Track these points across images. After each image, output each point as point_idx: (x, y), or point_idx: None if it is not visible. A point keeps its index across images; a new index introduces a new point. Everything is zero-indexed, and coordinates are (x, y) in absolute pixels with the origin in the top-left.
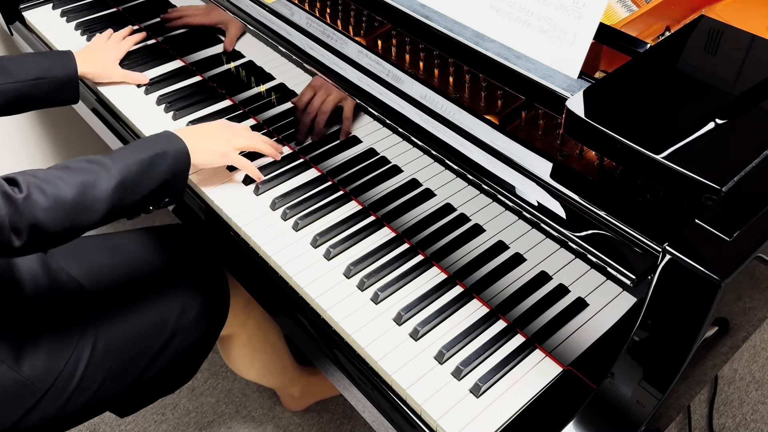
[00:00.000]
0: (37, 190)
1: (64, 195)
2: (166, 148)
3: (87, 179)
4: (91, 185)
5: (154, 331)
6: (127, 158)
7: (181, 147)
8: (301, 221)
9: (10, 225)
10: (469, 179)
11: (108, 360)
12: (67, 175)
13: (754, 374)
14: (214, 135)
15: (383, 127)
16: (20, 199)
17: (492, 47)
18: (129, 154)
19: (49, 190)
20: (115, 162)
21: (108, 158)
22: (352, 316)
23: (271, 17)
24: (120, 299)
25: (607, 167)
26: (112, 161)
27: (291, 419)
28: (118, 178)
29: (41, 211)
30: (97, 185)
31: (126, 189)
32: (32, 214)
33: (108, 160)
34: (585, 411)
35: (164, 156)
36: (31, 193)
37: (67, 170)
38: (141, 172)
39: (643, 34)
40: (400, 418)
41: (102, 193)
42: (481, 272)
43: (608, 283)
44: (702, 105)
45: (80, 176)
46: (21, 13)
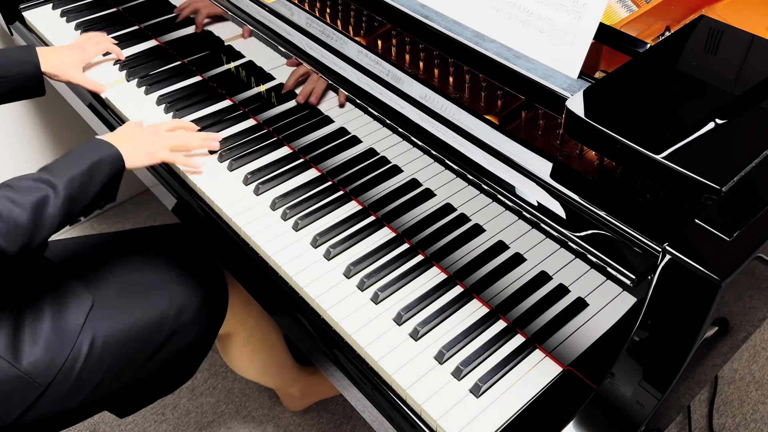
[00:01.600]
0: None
1: (20, 219)
2: (102, 155)
3: (38, 199)
4: (43, 205)
5: (152, 329)
6: (68, 172)
7: (114, 152)
8: (301, 221)
9: None
10: (469, 179)
11: (106, 357)
12: (19, 197)
13: (754, 374)
14: (141, 137)
15: (383, 127)
16: None
17: (492, 47)
18: (69, 166)
19: (6, 215)
20: (59, 178)
21: (50, 174)
22: (352, 316)
23: (271, 17)
24: (119, 297)
25: (607, 167)
26: (56, 177)
27: (291, 419)
28: (64, 193)
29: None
30: (48, 204)
31: (72, 202)
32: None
33: (52, 177)
34: (585, 411)
35: (101, 164)
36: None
37: (18, 191)
38: (83, 184)
39: (643, 34)
40: (400, 418)
41: (53, 210)
42: (481, 272)
43: (608, 283)
44: (702, 105)
45: (31, 197)
46: (21, 13)
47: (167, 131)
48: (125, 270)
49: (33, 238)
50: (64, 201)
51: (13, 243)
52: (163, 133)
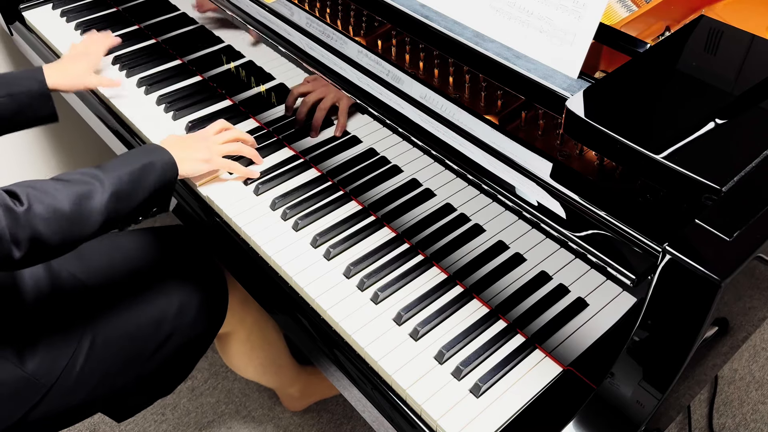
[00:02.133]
0: (37, 201)
1: (62, 206)
2: (154, 159)
3: (83, 191)
4: (87, 197)
5: (152, 328)
6: (118, 170)
7: (168, 158)
8: (301, 221)
9: (10, 237)
10: (469, 179)
11: (106, 356)
12: (64, 187)
13: (754, 374)
14: (196, 144)
15: (383, 127)
16: (21, 212)
17: (492, 47)
18: (119, 165)
19: (48, 202)
20: (107, 174)
21: (100, 170)
22: (352, 316)
23: (271, 17)
24: (119, 297)
25: (607, 167)
26: (105, 173)
27: (291, 419)
28: (111, 189)
29: (41, 222)
30: (93, 197)
31: (119, 200)
32: (32, 225)
33: (100, 173)
34: (585, 411)
35: (152, 166)
36: (31, 205)
37: (63, 182)
38: (132, 183)
39: (643, 34)
40: (400, 418)
41: (97, 205)
42: (481, 272)
43: (608, 283)
44: (702, 105)
45: (76, 188)
46: (21, 13)
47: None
48: (125, 270)
49: (74, 231)
50: (110, 197)
51: (54, 232)
52: (213, 138)
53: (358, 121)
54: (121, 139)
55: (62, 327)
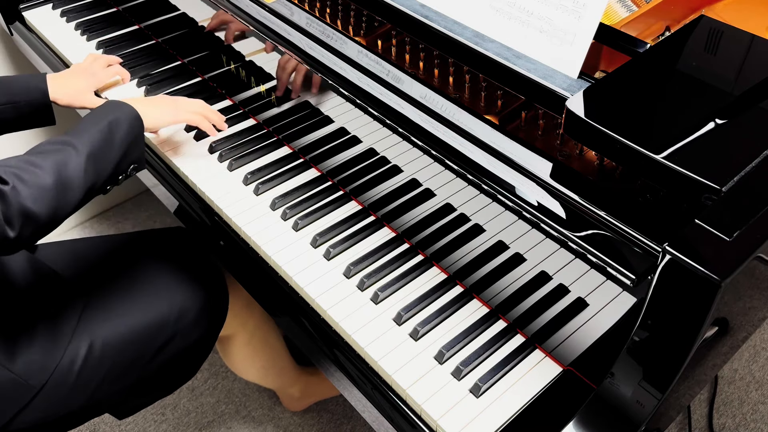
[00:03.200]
0: (18, 179)
1: (44, 181)
2: (118, 115)
3: (59, 159)
4: (64, 164)
5: (152, 332)
6: (86, 131)
7: (130, 111)
8: (301, 221)
9: (2, 217)
10: (469, 179)
11: (106, 361)
12: (40, 160)
13: (754, 374)
14: (159, 104)
15: (383, 127)
16: (8, 190)
17: (492, 47)
18: (85, 127)
19: (29, 178)
20: (77, 138)
21: (69, 136)
22: (352, 316)
23: (271, 17)
24: (118, 300)
25: (607, 167)
26: (75, 137)
27: (291, 419)
28: (86, 151)
29: (28, 198)
30: (69, 163)
31: (96, 160)
32: (20, 202)
33: (70, 138)
34: (585, 411)
35: (118, 122)
36: (15, 184)
37: (38, 155)
38: (103, 141)
39: (643, 34)
40: (400, 418)
41: (76, 170)
42: (481, 272)
43: (608, 283)
44: (702, 105)
45: (52, 158)
46: (21, 13)
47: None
48: (125, 273)
49: (61, 200)
50: (87, 159)
51: (44, 206)
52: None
53: (359, 121)
54: None
55: (51, 328)
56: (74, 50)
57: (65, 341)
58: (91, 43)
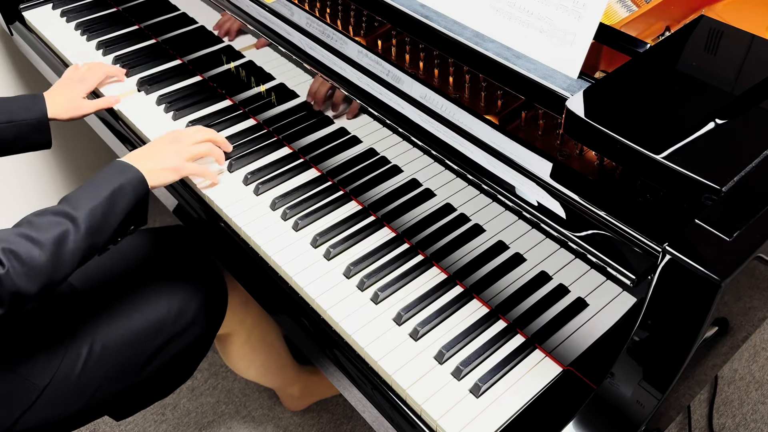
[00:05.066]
0: (14, 258)
1: (39, 260)
2: (122, 182)
3: (57, 236)
4: (62, 241)
5: (151, 331)
6: (89, 203)
7: (136, 175)
8: (301, 221)
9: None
10: (469, 179)
11: (106, 361)
12: (38, 235)
13: (754, 374)
14: (163, 152)
15: (383, 127)
16: (2, 274)
17: (492, 47)
18: (89, 197)
19: (25, 257)
20: (78, 210)
21: (70, 207)
22: (352, 316)
23: (271, 17)
24: (117, 301)
25: (607, 167)
26: (76, 210)
27: (291, 419)
28: (85, 225)
29: (21, 279)
30: (68, 239)
31: (94, 234)
32: (13, 283)
33: (71, 210)
34: (585, 411)
35: (122, 190)
36: (10, 266)
37: (37, 229)
38: (105, 214)
39: (643, 34)
40: (400, 418)
41: (73, 246)
42: (481, 272)
43: (608, 283)
44: (702, 105)
45: (50, 234)
46: (21, 13)
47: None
48: (122, 273)
49: (54, 276)
50: (85, 234)
51: (33, 283)
52: (184, 140)
53: (358, 121)
54: (122, 138)
55: (53, 329)
56: (74, 50)
57: (67, 341)
58: (91, 43)
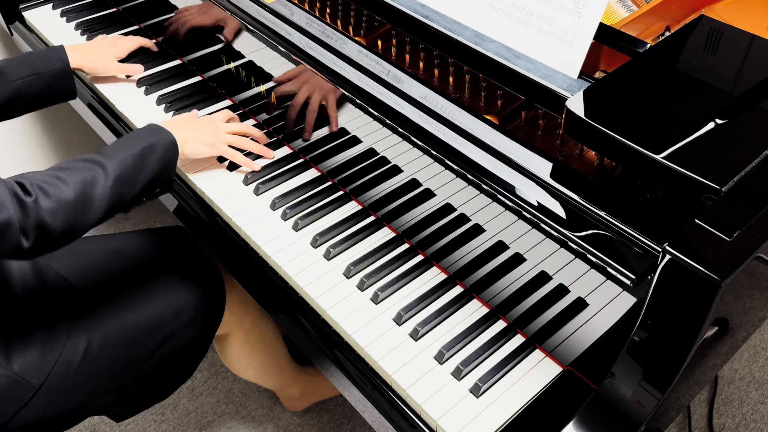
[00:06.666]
0: (42, 192)
1: (67, 196)
2: (155, 141)
3: (86, 178)
4: (91, 183)
5: (149, 330)
6: (119, 154)
7: (169, 138)
8: (301, 221)
9: (19, 227)
10: (469, 179)
11: (103, 359)
12: (67, 176)
13: (754, 374)
14: (202, 127)
15: (383, 127)
16: (29, 202)
17: (492, 47)
18: (120, 149)
19: (52, 192)
20: (109, 159)
21: (101, 156)
22: (352, 316)
23: (271, 17)
24: (115, 299)
25: (607, 167)
26: (107, 158)
27: (291, 419)
28: (114, 174)
29: (47, 212)
30: (96, 183)
31: (123, 184)
32: (39, 215)
33: (102, 158)
34: (585, 411)
35: (153, 148)
36: (37, 196)
37: (66, 171)
38: (134, 166)
39: (643, 34)
40: (400, 418)
41: (101, 191)
42: (481, 272)
43: (608, 283)
44: (702, 105)
45: (79, 176)
46: (21, 13)
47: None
48: (123, 272)
49: (79, 219)
50: (113, 182)
51: (60, 221)
52: (221, 125)
53: (358, 121)
54: None
55: (49, 326)
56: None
57: (63, 339)
58: None
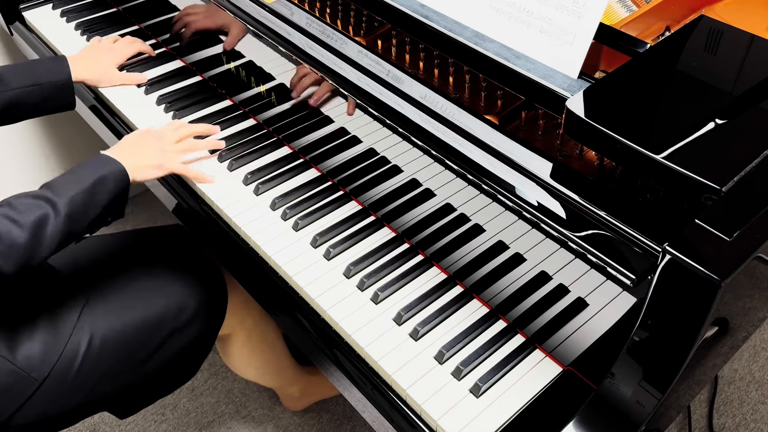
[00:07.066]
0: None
1: (18, 240)
2: (105, 173)
3: (37, 218)
4: (42, 224)
5: (151, 328)
6: (70, 190)
7: (118, 168)
8: (301, 221)
9: None
10: (469, 179)
11: (105, 356)
12: (18, 216)
13: (754, 374)
14: (148, 148)
15: (383, 127)
16: None
17: (492, 47)
18: (70, 185)
19: (4, 236)
20: (59, 197)
21: (51, 192)
22: (352, 316)
23: (271, 17)
24: (116, 297)
25: (607, 167)
26: (57, 196)
27: (291, 419)
28: (64, 211)
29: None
30: (47, 223)
31: (73, 221)
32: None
33: (53, 196)
34: (585, 411)
35: (104, 181)
36: None
37: (16, 210)
38: (85, 202)
39: (643, 34)
40: (400, 418)
41: (52, 230)
42: (481, 272)
43: (608, 283)
44: (702, 105)
45: (30, 217)
46: (21, 13)
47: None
48: (124, 270)
49: (31, 258)
50: (64, 220)
51: (11, 263)
52: (167, 139)
53: (359, 121)
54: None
55: (52, 322)
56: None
57: (66, 336)
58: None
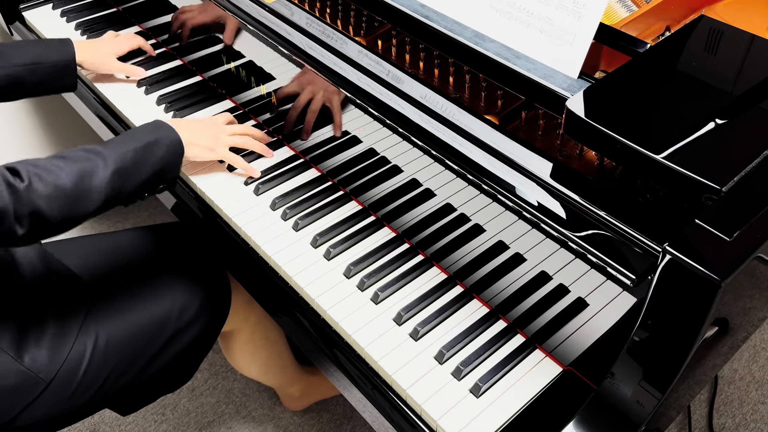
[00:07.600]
0: (37, 178)
1: (63, 183)
2: (158, 137)
3: (85, 168)
4: (89, 174)
5: (155, 328)
6: (121, 147)
7: (174, 137)
8: (301, 221)
9: (13, 213)
10: (469, 179)
11: (110, 356)
12: (66, 165)
13: (754, 374)
14: (204, 130)
15: (383, 127)
16: (22, 188)
17: (492, 47)
18: (123, 142)
19: (49, 179)
20: (110, 151)
21: (103, 147)
22: (352, 316)
23: (271, 17)
24: (120, 296)
25: (607, 167)
26: (108, 150)
27: (291, 419)
28: (114, 166)
29: (41, 198)
30: (95, 174)
31: (122, 177)
32: (33, 202)
33: (103, 149)
34: (585, 411)
35: (157, 144)
36: (31, 182)
37: (65, 159)
38: (136, 161)
39: (643, 34)
40: (400, 418)
41: (99, 182)
42: (481, 272)
43: (608, 283)
44: (702, 105)
45: (78, 165)
46: (21, 13)
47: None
48: (127, 269)
49: (76, 208)
50: (112, 174)
51: (56, 209)
52: (222, 127)
53: (358, 121)
54: None
55: (60, 323)
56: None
57: (73, 337)
58: None
